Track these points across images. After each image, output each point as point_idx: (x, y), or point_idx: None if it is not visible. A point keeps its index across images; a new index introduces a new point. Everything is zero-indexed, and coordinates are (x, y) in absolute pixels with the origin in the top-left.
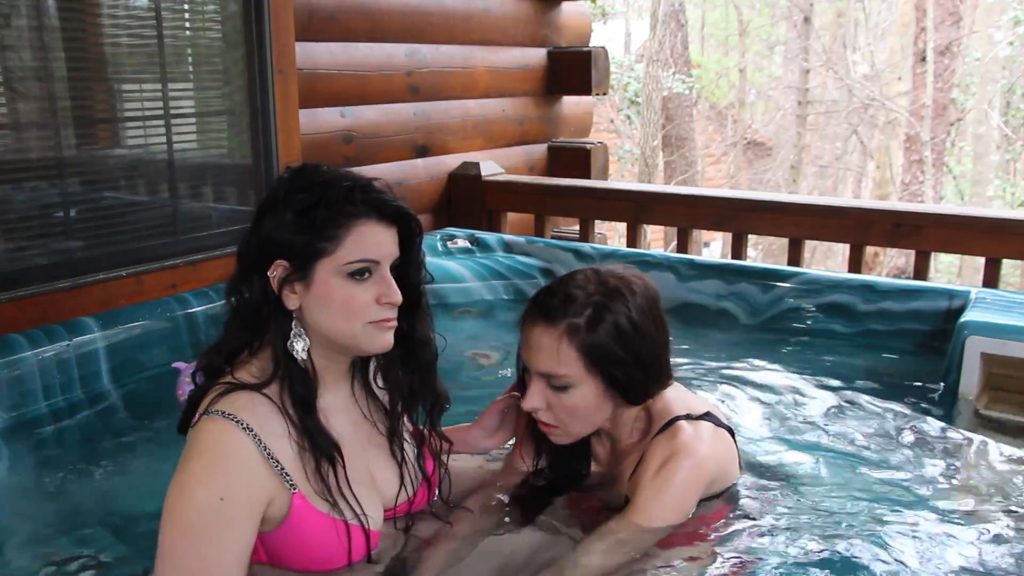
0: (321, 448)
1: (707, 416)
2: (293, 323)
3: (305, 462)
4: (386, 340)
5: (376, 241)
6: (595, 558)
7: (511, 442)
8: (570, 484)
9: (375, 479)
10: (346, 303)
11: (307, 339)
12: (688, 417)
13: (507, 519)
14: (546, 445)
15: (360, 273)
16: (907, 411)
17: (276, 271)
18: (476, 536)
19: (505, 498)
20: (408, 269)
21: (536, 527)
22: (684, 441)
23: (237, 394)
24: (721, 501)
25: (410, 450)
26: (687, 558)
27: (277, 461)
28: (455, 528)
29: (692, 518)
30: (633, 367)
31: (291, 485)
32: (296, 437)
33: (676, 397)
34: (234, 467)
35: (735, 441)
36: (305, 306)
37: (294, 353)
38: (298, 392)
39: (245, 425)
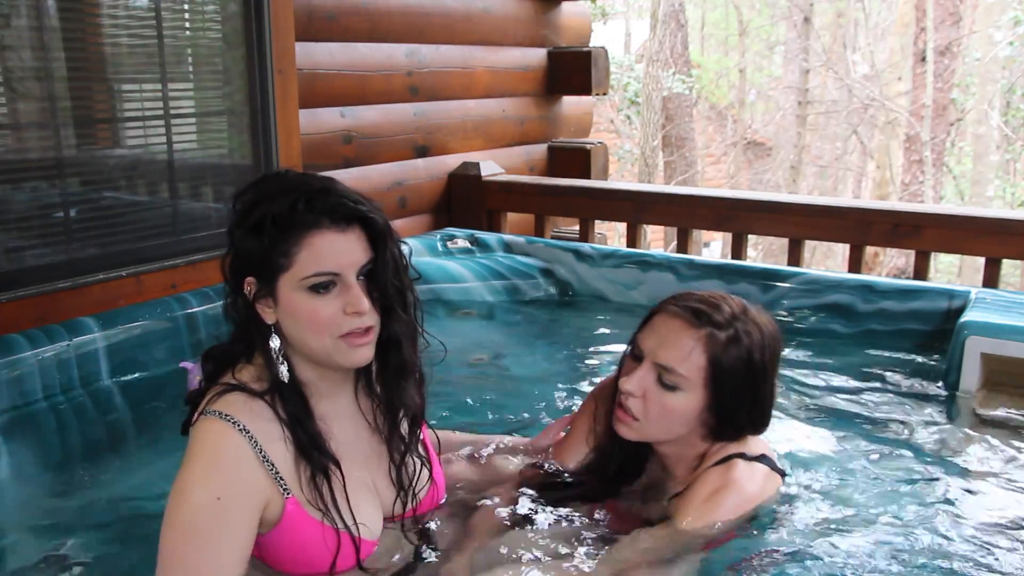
0: (316, 462)
1: (762, 458)
2: (272, 337)
3: (301, 470)
4: (361, 355)
5: (332, 251)
6: (623, 561)
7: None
8: (606, 491)
9: (377, 486)
10: (311, 318)
11: (286, 362)
12: (743, 456)
13: (521, 523)
14: (612, 447)
15: (322, 287)
16: (907, 411)
17: (248, 287)
18: (491, 541)
19: (525, 500)
20: (377, 271)
21: (557, 532)
22: (736, 477)
23: (235, 395)
24: None
25: (416, 457)
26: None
27: (272, 464)
28: (470, 534)
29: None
30: (745, 399)
31: (285, 490)
32: (292, 444)
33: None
34: (230, 467)
35: (784, 482)
36: (279, 320)
37: (279, 376)
38: (289, 408)
39: (241, 427)
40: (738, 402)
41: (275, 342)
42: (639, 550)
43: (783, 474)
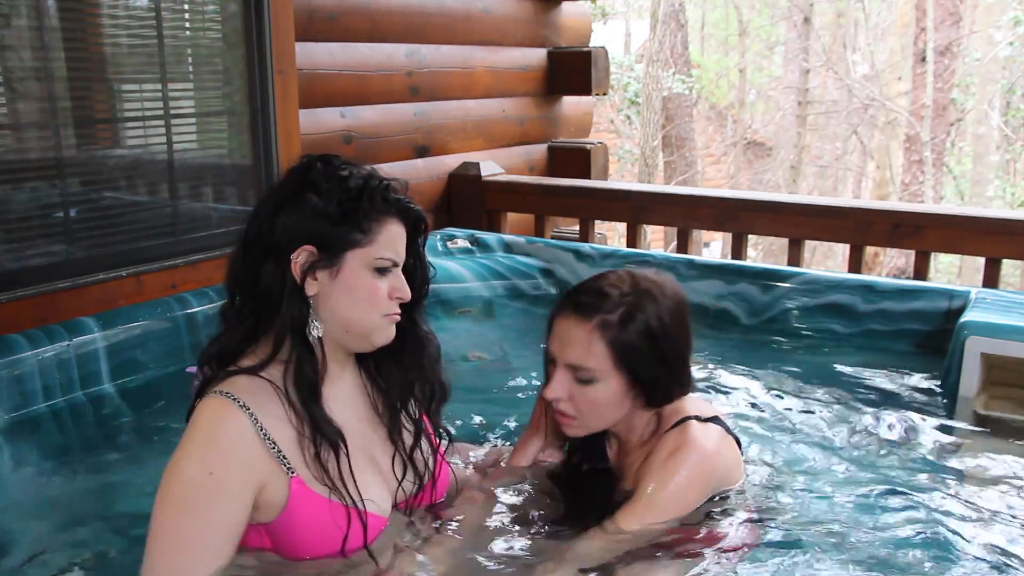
0: (325, 434)
1: (715, 420)
2: (310, 309)
3: (305, 447)
4: (391, 333)
5: (398, 240)
6: (596, 546)
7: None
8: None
9: (381, 468)
10: (370, 294)
11: (321, 324)
12: (697, 418)
13: (511, 514)
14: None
15: (385, 270)
16: (907, 411)
17: (300, 256)
18: (477, 533)
19: (512, 493)
20: (416, 267)
21: (538, 521)
22: (692, 435)
23: (237, 377)
24: (723, 502)
25: (424, 446)
26: (688, 554)
27: (274, 443)
28: (459, 524)
29: (694, 513)
30: (659, 367)
31: (289, 469)
32: (295, 422)
33: (687, 401)
34: (227, 443)
35: (740, 449)
36: (326, 293)
37: (309, 337)
38: (306, 375)
39: (242, 403)
40: (654, 372)
41: (311, 313)
42: (614, 531)
43: (737, 440)
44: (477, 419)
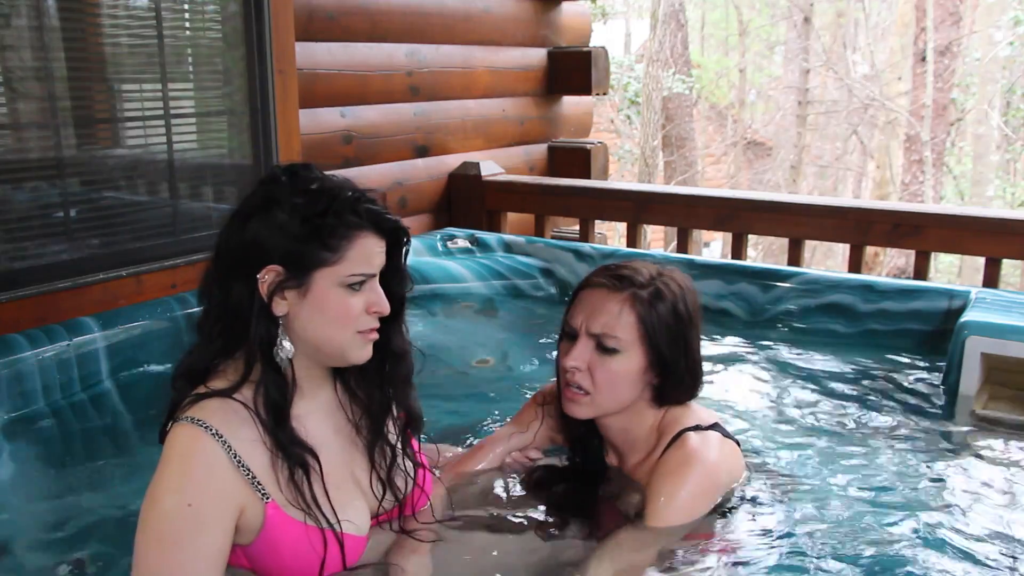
0: (294, 456)
1: (715, 427)
2: (280, 329)
3: (279, 469)
4: (369, 351)
5: (373, 255)
6: (608, 564)
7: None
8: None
9: (360, 484)
10: (343, 312)
11: (292, 345)
12: (696, 428)
13: (501, 524)
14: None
15: (357, 285)
16: (907, 411)
17: (267, 276)
18: (469, 540)
19: (497, 501)
20: (391, 279)
21: (540, 533)
22: (694, 448)
23: (208, 401)
24: (724, 503)
25: (407, 460)
26: (691, 559)
27: (248, 469)
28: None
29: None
30: (681, 349)
31: (264, 495)
32: (270, 444)
33: (687, 412)
34: (202, 472)
35: (740, 450)
36: (296, 313)
37: (278, 360)
38: (272, 398)
39: (214, 431)
40: (675, 353)
41: (282, 333)
42: (623, 551)
43: (737, 442)
44: (477, 418)
